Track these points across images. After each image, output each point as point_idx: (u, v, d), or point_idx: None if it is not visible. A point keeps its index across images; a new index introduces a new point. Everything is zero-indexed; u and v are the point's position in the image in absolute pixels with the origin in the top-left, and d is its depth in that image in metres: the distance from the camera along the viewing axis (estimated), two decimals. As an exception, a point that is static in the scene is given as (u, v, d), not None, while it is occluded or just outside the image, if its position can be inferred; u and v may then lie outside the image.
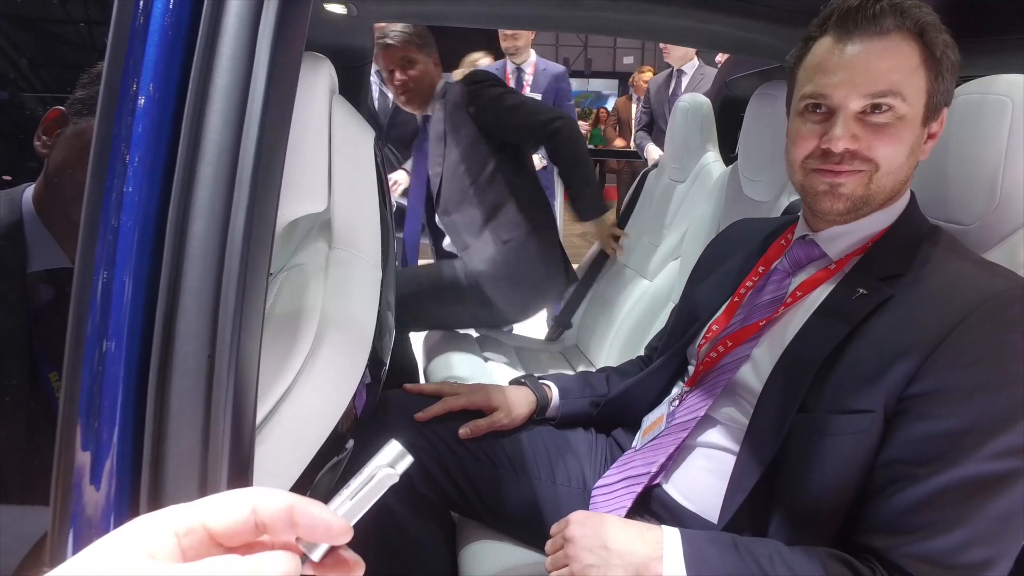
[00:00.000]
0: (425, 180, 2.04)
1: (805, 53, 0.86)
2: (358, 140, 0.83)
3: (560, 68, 3.39)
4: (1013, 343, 0.71)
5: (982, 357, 0.71)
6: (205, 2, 0.43)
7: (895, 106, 0.79)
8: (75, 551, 0.31)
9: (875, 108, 0.79)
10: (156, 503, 0.40)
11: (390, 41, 1.86)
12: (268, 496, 0.32)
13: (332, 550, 0.34)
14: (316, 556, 0.33)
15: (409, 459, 0.37)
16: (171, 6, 0.43)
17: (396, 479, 0.37)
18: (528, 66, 3.27)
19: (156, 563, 0.29)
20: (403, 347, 1.98)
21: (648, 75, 5.17)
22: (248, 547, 0.32)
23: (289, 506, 0.32)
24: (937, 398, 0.71)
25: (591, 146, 5.82)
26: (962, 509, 0.68)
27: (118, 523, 0.31)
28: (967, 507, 0.68)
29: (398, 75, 1.91)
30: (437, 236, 2.14)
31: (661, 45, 3.48)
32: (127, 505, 0.40)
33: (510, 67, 3.25)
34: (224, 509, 0.32)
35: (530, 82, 3.27)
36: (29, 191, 0.92)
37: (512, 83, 3.26)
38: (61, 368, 0.90)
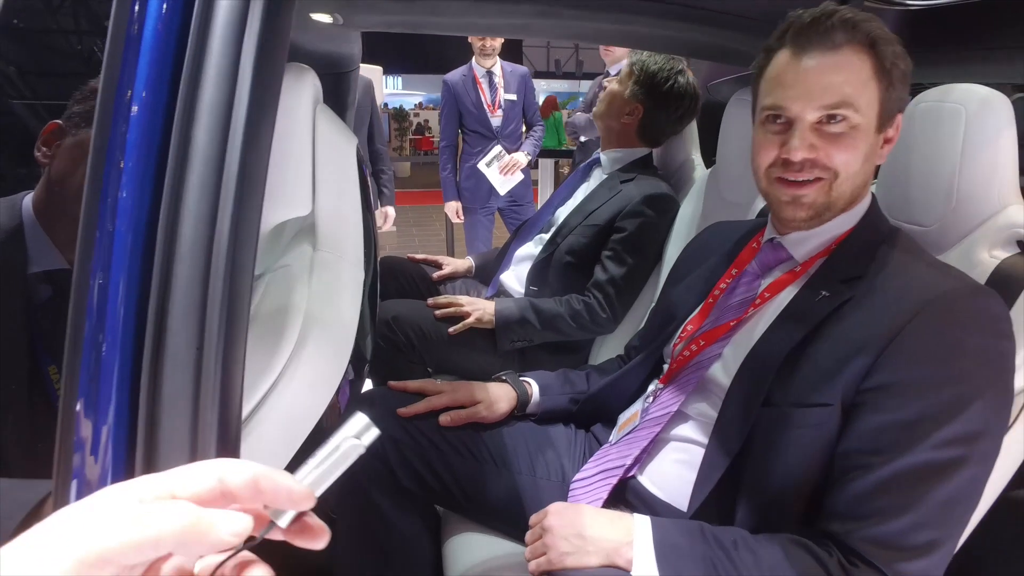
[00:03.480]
0: (551, 209, 1.84)
1: (766, 64, 0.90)
2: (341, 147, 0.86)
3: (524, 69, 3.44)
4: (959, 339, 0.75)
5: (931, 353, 0.75)
6: (193, 15, 0.47)
7: (849, 116, 0.83)
8: None
9: (830, 119, 0.83)
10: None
11: (630, 56, 1.77)
12: (234, 466, 0.34)
13: (299, 517, 0.35)
14: (283, 522, 0.35)
15: (375, 431, 0.37)
16: (163, 14, 0.46)
17: (362, 450, 0.37)
18: (497, 68, 3.30)
19: (117, 527, 0.30)
20: None
21: None
22: None
23: (254, 475, 0.34)
24: (890, 391, 0.75)
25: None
26: (911, 495, 0.72)
27: None
28: (915, 493, 0.72)
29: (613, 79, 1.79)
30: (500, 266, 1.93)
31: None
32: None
33: (480, 71, 3.25)
34: (190, 479, 0.33)
35: (502, 84, 3.30)
36: (28, 198, 0.95)
37: (484, 87, 3.26)
38: (59, 362, 0.93)
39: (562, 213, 1.81)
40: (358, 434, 0.37)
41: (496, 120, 3.30)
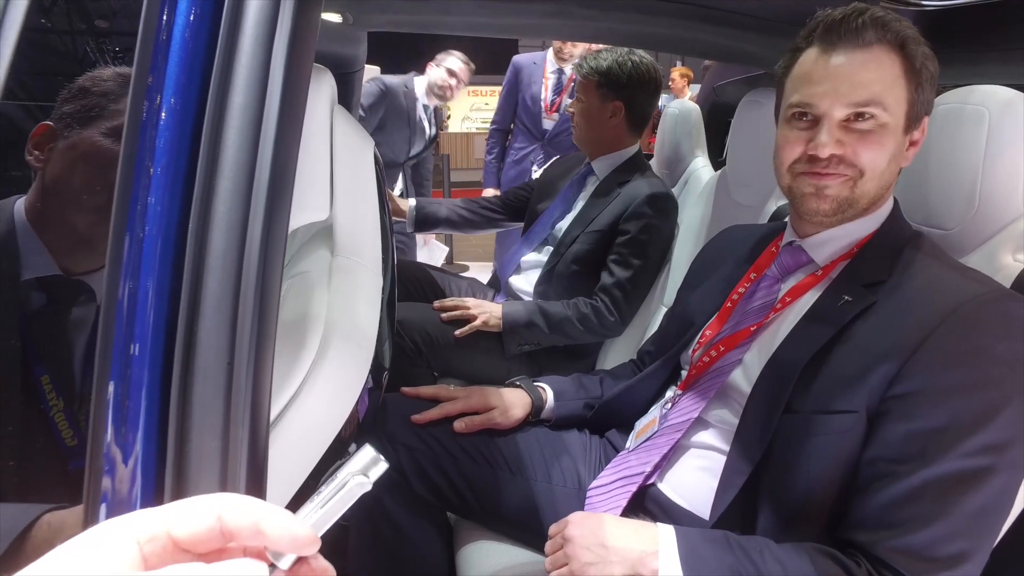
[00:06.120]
0: (550, 223, 1.83)
1: (792, 63, 0.89)
2: (358, 149, 0.84)
3: None
4: (987, 345, 0.74)
5: (958, 359, 0.74)
6: (223, 20, 0.45)
7: (877, 115, 0.82)
8: None
9: (858, 116, 0.82)
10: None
11: (578, 70, 1.75)
12: (234, 505, 0.32)
13: (301, 558, 0.33)
14: (284, 565, 0.32)
15: (384, 465, 0.36)
16: (191, 21, 0.44)
17: (368, 487, 0.35)
18: (569, 70, 3.11)
19: (115, 571, 0.29)
20: None
21: (676, 75, 5.21)
22: (216, 553, 0.32)
23: (256, 517, 0.32)
24: (916, 399, 0.74)
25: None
26: (941, 504, 0.71)
27: None
28: (945, 502, 0.71)
29: (574, 103, 1.79)
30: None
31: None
32: (152, 502, 0.42)
33: (551, 67, 3.09)
34: (189, 517, 0.31)
35: (568, 88, 3.14)
36: (20, 203, 0.93)
37: (549, 84, 3.11)
38: (53, 372, 0.90)
39: (563, 225, 1.80)
40: (364, 469, 0.35)
41: (548, 123, 3.11)
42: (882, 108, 0.82)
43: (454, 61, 3.15)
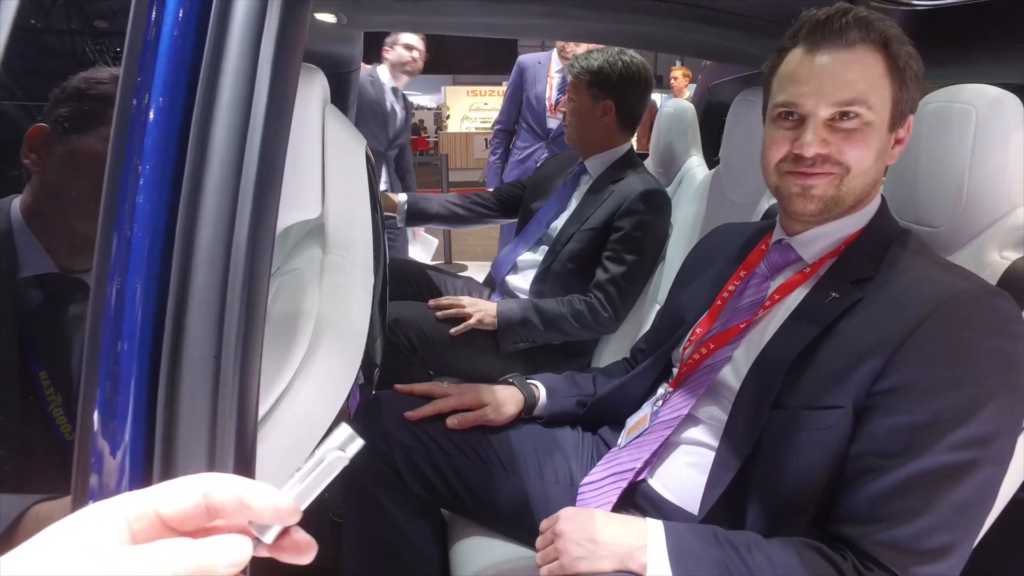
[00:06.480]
0: (545, 222, 1.83)
1: (778, 64, 0.90)
2: (350, 148, 0.85)
3: None
4: (971, 341, 0.75)
5: (943, 355, 0.75)
6: (211, 18, 0.46)
7: (862, 113, 0.83)
8: None
9: (843, 115, 0.83)
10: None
11: (569, 70, 1.75)
12: (219, 482, 0.33)
13: (285, 532, 0.35)
14: (268, 538, 0.34)
15: (359, 442, 0.38)
16: (180, 19, 0.45)
17: (347, 462, 0.37)
18: None
19: (102, 549, 0.30)
20: None
21: (678, 73, 5.23)
22: (202, 531, 0.33)
23: (239, 491, 0.33)
24: (902, 393, 0.75)
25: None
26: (926, 498, 0.72)
27: None
28: (930, 496, 0.72)
29: (566, 101, 1.80)
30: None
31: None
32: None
33: (556, 66, 3.09)
34: (175, 495, 0.33)
35: None
36: (16, 202, 0.94)
37: (554, 84, 3.12)
38: (51, 368, 0.91)
39: (558, 224, 1.81)
40: (342, 446, 0.37)
41: (553, 122, 3.09)
42: (866, 107, 0.83)
43: (406, 36, 3.21)
